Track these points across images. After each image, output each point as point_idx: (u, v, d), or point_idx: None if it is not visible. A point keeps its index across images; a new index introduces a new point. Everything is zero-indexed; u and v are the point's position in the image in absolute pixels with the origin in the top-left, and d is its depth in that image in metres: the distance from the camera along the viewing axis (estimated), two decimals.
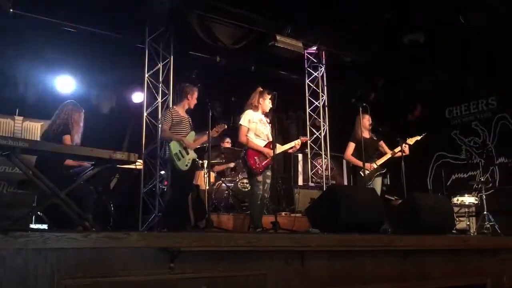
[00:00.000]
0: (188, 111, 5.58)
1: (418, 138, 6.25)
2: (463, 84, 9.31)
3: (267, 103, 5.35)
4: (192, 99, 5.55)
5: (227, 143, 7.54)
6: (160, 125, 5.76)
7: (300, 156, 9.24)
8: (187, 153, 5.26)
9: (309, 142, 8.76)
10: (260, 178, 5.16)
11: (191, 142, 5.35)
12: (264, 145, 5.25)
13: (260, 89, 5.41)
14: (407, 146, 6.09)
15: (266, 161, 5.16)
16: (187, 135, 5.36)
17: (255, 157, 5.15)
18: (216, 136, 5.67)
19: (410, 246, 3.70)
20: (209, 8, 7.14)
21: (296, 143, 5.56)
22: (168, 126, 5.31)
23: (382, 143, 6.37)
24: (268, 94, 5.35)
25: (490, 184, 8.25)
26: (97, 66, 7.47)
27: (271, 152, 5.12)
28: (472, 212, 7.80)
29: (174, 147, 5.19)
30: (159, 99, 6.86)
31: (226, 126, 5.60)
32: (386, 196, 7.42)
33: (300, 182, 9.07)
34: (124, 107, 8.09)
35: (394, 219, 4.73)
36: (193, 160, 5.38)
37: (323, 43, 8.45)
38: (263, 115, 5.41)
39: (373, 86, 9.86)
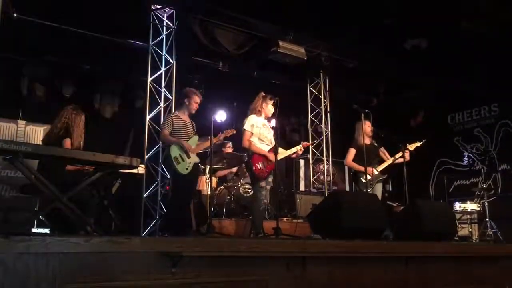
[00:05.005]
0: (193, 116, 5.52)
1: (419, 144, 6.24)
2: (465, 90, 9.32)
3: (269, 107, 5.37)
4: (190, 104, 5.36)
5: (229, 148, 7.53)
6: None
7: (302, 161, 9.25)
8: (188, 157, 5.17)
9: (311, 147, 8.76)
10: (263, 183, 5.17)
11: (191, 146, 5.27)
12: (268, 149, 5.26)
13: (263, 94, 5.42)
14: (407, 152, 6.07)
15: (270, 166, 5.16)
16: (189, 139, 5.34)
17: (259, 163, 5.15)
18: (221, 141, 5.63)
19: (412, 253, 3.69)
20: (211, 14, 7.17)
21: (299, 148, 5.56)
22: (168, 131, 5.22)
23: (383, 149, 6.35)
24: (271, 99, 5.37)
25: (492, 191, 8.22)
26: (100, 71, 7.50)
27: (273, 157, 5.12)
28: (474, 219, 7.77)
29: (174, 151, 5.13)
30: (162, 104, 6.87)
31: (235, 131, 5.54)
32: (388, 202, 7.41)
33: (302, 188, 9.07)
34: (126, 112, 8.11)
35: (396, 226, 4.72)
36: (195, 164, 5.27)
37: (325, 49, 8.47)
38: (266, 120, 5.42)
39: (375, 92, 9.88)
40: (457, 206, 7.50)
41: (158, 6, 6.94)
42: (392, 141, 6.28)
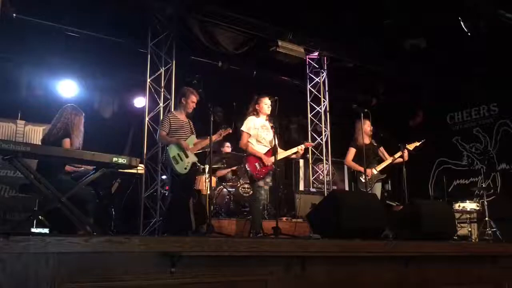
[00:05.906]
0: (190, 115, 5.53)
1: (418, 144, 6.25)
2: (464, 90, 9.32)
3: (264, 105, 5.35)
4: (187, 103, 5.36)
5: (227, 148, 7.54)
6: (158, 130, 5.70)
7: (301, 161, 9.25)
8: (186, 156, 5.18)
9: (310, 147, 8.75)
10: (261, 183, 5.16)
11: (189, 145, 5.28)
12: (266, 151, 5.24)
13: (256, 96, 5.42)
14: (406, 152, 6.08)
15: (267, 167, 5.16)
16: (187, 139, 5.33)
17: (256, 163, 5.14)
18: (220, 139, 5.63)
19: (411, 253, 3.68)
20: (211, 14, 7.17)
21: (300, 148, 5.52)
22: (166, 132, 5.23)
23: (382, 149, 6.36)
24: (269, 99, 5.36)
25: (492, 191, 8.23)
26: (99, 71, 7.50)
27: (269, 160, 5.12)
28: (474, 218, 7.78)
29: (172, 150, 5.14)
30: (161, 104, 6.88)
31: (230, 130, 5.53)
32: (387, 201, 7.41)
33: (301, 188, 9.07)
34: (125, 112, 8.11)
35: (395, 225, 4.71)
36: (193, 163, 5.28)
37: (324, 48, 8.47)
38: (266, 121, 5.41)
39: (374, 92, 9.88)
40: (457, 205, 7.50)
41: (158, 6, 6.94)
42: (392, 141, 6.28)
